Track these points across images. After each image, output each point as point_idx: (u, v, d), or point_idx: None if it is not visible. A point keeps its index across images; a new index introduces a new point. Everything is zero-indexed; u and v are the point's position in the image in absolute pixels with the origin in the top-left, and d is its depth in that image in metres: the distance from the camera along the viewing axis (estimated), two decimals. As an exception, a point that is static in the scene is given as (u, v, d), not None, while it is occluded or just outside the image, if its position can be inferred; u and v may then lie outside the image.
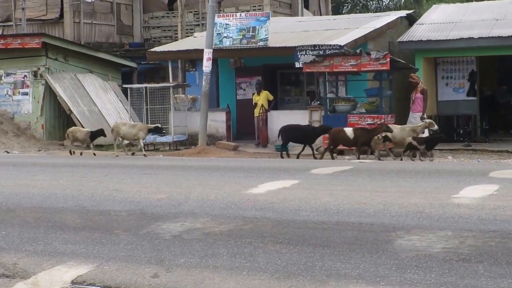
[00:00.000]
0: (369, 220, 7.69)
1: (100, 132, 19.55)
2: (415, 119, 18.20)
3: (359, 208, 8.42)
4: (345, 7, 44.60)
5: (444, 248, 6.39)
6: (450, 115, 22.75)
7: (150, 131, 19.18)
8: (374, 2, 45.61)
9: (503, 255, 6.07)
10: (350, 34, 22.22)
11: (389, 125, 17.10)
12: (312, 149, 17.84)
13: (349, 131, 16.95)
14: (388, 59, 17.93)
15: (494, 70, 25.52)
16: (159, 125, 19.37)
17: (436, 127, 17.52)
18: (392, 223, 7.50)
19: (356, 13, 39.89)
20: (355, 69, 18.66)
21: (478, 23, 23.16)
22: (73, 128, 20.39)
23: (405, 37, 22.80)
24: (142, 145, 19.13)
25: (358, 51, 18.61)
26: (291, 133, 18.29)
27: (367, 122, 18.12)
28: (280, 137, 18.54)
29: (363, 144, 16.90)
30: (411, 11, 28.16)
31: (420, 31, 23.21)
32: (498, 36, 21.57)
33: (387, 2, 46.49)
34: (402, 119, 18.84)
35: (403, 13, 26.47)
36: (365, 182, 11.08)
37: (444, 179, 11.19)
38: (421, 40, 22.37)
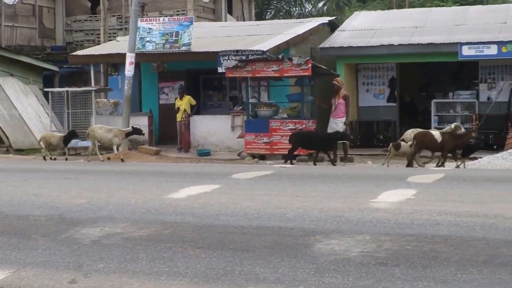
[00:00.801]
0: (289, 225, 7.73)
1: (73, 134, 19.09)
2: (337, 124, 18.41)
3: (279, 213, 8.46)
4: (268, 13, 44.91)
5: (362, 252, 6.46)
6: (371, 121, 23.17)
7: (128, 135, 18.46)
8: (297, 9, 46.08)
9: (419, 259, 6.17)
10: (273, 39, 22.38)
11: (416, 129, 17.38)
12: (329, 156, 17.41)
13: (437, 134, 16.53)
14: (310, 65, 18.11)
15: (414, 77, 26.10)
16: (137, 126, 18.70)
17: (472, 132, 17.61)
18: (311, 228, 7.55)
19: (279, 19, 40.22)
20: (277, 75, 18.78)
21: (398, 30, 23.65)
22: (45, 133, 19.67)
23: (326, 44, 23.11)
24: (116, 151, 18.21)
25: (280, 56, 18.74)
26: (303, 139, 17.79)
27: (288, 127, 18.27)
28: (290, 143, 18.09)
29: (451, 149, 16.42)
30: (333, 17, 28.55)
31: (342, 38, 23.56)
32: (418, 43, 22.09)
33: (309, 8, 47.06)
34: (323, 125, 19.05)
35: (325, 19, 26.83)
36: (286, 186, 11.15)
37: (364, 184, 11.36)
38: (343, 47, 22.73)
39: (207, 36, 24.24)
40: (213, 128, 21.17)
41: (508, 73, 22.49)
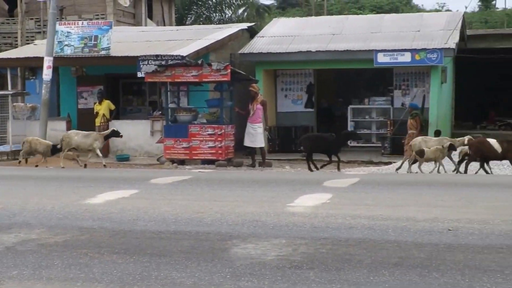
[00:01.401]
0: (206, 229, 7.79)
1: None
2: (254, 129, 18.54)
3: (197, 218, 8.51)
4: (188, 19, 44.78)
5: (277, 255, 6.56)
6: (289, 126, 23.42)
7: (107, 137, 17.94)
8: (217, 15, 46.10)
9: (333, 262, 6.30)
10: (193, 45, 22.39)
11: (425, 137, 17.27)
12: (338, 159, 17.32)
13: (494, 143, 16.03)
14: (229, 70, 18.19)
15: (331, 83, 26.53)
16: (115, 129, 18.16)
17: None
18: (228, 232, 7.63)
19: (199, 24, 40.18)
20: (196, 80, 18.79)
21: (316, 37, 23.98)
22: (31, 138, 18.61)
23: (246, 49, 23.27)
24: (100, 155, 17.63)
25: (199, 62, 18.76)
26: (314, 143, 17.75)
27: (207, 132, 18.32)
28: (302, 147, 17.74)
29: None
30: (253, 23, 28.73)
31: (261, 44, 23.76)
32: (335, 50, 22.45)
33: (230, 14, 47.15)
34: (241, 130, 19.16)
35: (245, 25, 26.97)
36: (204, 191, 11.20)
37: (281, 188, 11.50)
38: (262, 53, 22.93)
39: (127, 40, 24.06)
40: (132, 133, 21.02)
41: (421, 80, 23.12)
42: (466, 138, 16.91)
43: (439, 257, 6.39)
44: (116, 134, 17.82)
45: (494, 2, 53.38)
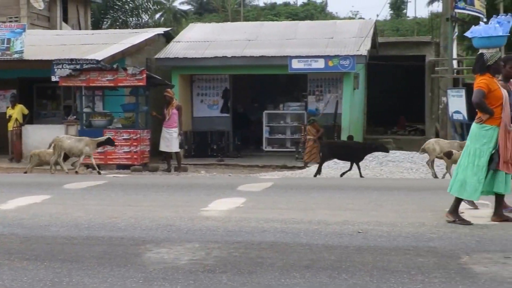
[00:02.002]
0: (120, 234, 7.77)
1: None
2: (170, 134, 18.51)
3: (110, 223, 8.47)
4: (105, 23, 44.28)
5: (191, 260, 6.60)
6: (205, 131, 23.48)
7: (100, 144, 17.26)
8: (134, 19, 45.75)
9: (245, 265, 6.37)
10: (108, 49, 22.21)
11: (438, 140, 17.17)
12: (359, 168, 16.84)
13: None
14: (145, 75, 18.12)
15: (247, 88, 26.72)
16: (110, 137, 17.61)
17: None
18: (142, 237, 7.63)
19: (115, 28, 39.78)
20: (111, 84, 18.63)
21: (232, 42, 24.13)
22: (39, 151, 17.82)
23: (162, 54, 23.24)
24: (93, 161, 17.11)
25: (115, 66, 18.63)
26: (335, 150, 17.33)
27: (123, 137, 18.19)
28: (320, 153, 17.44)
29: None
30: (169, 28, 28.68)
31: (177, 49, 23.75)
32: (250, 56, 22.65)
33: (146, 19, 46.89)
34: (157, 135, 19.10)
35: (161, 30, 26.91)
36: (118, 196, 11.15)
37: (196, 193, 11.55)
38: (178, 57, 22.93)
39: (41, 44, 23.67)
40: (46, 138, 20.59)
41: (334, 86, 23.56)
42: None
43: (349, 259, 6.53)
44: (110, 142, 17.40)
45: (405, 11, 54.84)
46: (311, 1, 57.59)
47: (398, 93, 30.05)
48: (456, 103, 18.70)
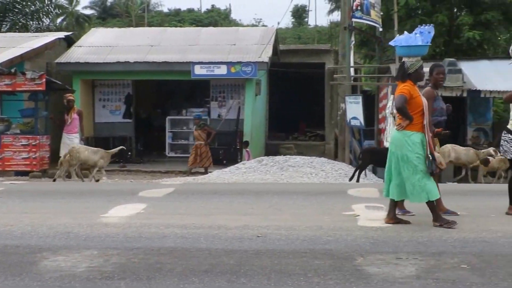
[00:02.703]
0: (15, 242, 7.61)
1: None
2: (71, 140, 18.16)
3: (5, 231, 8.29)
4: (4, 26, 43.10)
5: (88, 267, 6.53)
6: (107, 137, 23.23)
7: (114, 156, 16.84)
8: (34, 23, 44.68)
9: (144, 271, 6.36)
10: (6, 53, 21.75)
11: (454, 146, 17.30)
12: None
13: None
14: (44, 80, 17.80)
15: (150, 94, 26.61)
16: (124, 147, 17.17)
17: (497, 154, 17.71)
18: (39, 245, 7.50)
19: (15, 32, 38.80)
20: (9, 89, 18.20)
21: (135, 48, 23.99)
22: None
23: (63, 59, 22.88)
24: (104, 173, 16.77)
25: (13, 70, 18.22)
26: (376, 156, 16.77)
27: (21, 143, 17.80)
28: (360, 159, 17.10)
29: None
30: (70, 33, 28.21)
31: (79, 53, 23.44)
32: (153, 61, 22.59)
33: (48, 23, 45.88)
34: (57, 140, 18.75)
35: (62, 34, 26.46)
36: (15, 204, 10.91)
37: (96, 199, 11.43)
38: (79, 62, 22.63)
39: None
40: None
41: (236, 92, 23.75)
42: (491, 149, 17.77)
43: (248, 263, 6.61)
44: (123, 153, 17.33)
45: (306, 19, 55.71)
46: (215, 8, 57.76)
47: (299, 99, 30.51)
48: (354, 110, 19.16)
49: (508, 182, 9.59)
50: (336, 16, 45.04)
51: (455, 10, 26.81)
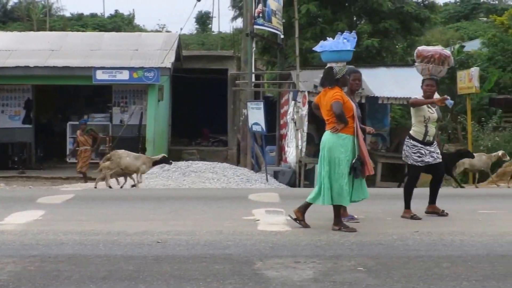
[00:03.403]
0: None
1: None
2: None
3: None
4: None
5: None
6: (5, 143, 22.70)
7: (156, 163, 16.32)
8: None
9: (41, 279, 6.24)
10: None
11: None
12: (454, 178, 16.77)
13: None
14: None
15: (51, 99, 26.13)
16: (165, 155, 16.61)
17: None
18: None
19: None
20: None
21: (35, 52, 23.56)
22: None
23: None
24: (139, 179, 16.05)
25: None
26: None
27: None
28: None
29: None
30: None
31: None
32: (54, 66, 22.24)
33: None
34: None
35: (-42, 38, 25.72)
36: None
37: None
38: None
39: None
40: None
41: (139, 97, 23.63)
42: (500, 153, 18.54)
43: (147, 269, 6.59)
44: (165, 160, 16.69)
45: (210, 26, 55.87)
46: (118, 13, 57.17)
47: (203, 105, 30.53)
48: (255, 115, 19.33)
49: (404, 187, 9.87)
50: (240, 23, 45.37)
51: (355, 18, 27.49)
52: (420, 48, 9.96)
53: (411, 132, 9.67)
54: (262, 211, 10.12)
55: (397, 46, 28.16)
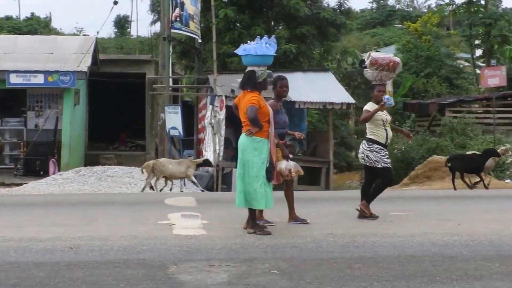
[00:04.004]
0: None
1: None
2: None
3: None
4: None
5: None
6: None
7: (199, 166, 16.22)
8: None
9: None
10: None
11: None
12: (482, 178, 16.88)
13: None
14: None
15: None
16: (207, 158, 16.48)
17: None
18: None
19: None
20: None
21: None
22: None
23: None
24: (196, 181, 16.22)
25: None
26: (461, 162, 17.30)
27: None
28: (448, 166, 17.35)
29: None
30: None
31: None
32: None
33: None
34: None
35: None
36: None
37: None
38: None
39: None
40: None
41: (54, 101, 23.23)
42: (502, 147, 18.86)
43: (59, 275, 6.48)
44: (209, 163, 16.73)
45: (129, 30, 55.44)
46: (35, 16, 56.07)
47: (120, 109, 30.23)
48: (173, 120, 19.28)
49: (375, 189, 9.89)
50: (159, 27, 45.17)
51: (272, 23, 27.72)
52: (374, 55, 10.05)
53: (372, 137, 9.78)
54: (178, 216, 10.10)
55: (314, 52, 28.52)
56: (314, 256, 7.41)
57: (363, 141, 9.94)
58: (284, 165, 9.02)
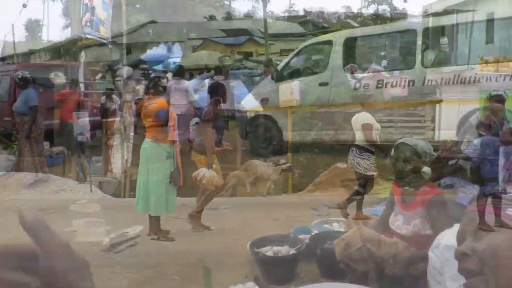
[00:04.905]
0: None
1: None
2: None
3: None
4: None
5: None
6: None
7: (283, 171, 15.63)
8: None
9: None
10: None
11: None
12: None
13: None
14: None
15: None
16: (291, 164, 15.78)
17: None
18: None
19: None
20: None
21: None
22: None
23: None
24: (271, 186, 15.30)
25: None
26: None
27: None
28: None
29: None
30: None
31: None
32: None
33: None
34: None
35: None
36: None
37: None
38: None
39: None
40: None
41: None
42: None
43: None
44: (292, 169, 16.14)
45: (40, 34, 54.36)
46: None
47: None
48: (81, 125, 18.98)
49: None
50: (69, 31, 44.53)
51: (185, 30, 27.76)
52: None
53: (363, 144, 9.26)
54: (82, 222, 9.96)
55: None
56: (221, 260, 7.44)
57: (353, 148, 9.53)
58: (202, 172, 8.99)
